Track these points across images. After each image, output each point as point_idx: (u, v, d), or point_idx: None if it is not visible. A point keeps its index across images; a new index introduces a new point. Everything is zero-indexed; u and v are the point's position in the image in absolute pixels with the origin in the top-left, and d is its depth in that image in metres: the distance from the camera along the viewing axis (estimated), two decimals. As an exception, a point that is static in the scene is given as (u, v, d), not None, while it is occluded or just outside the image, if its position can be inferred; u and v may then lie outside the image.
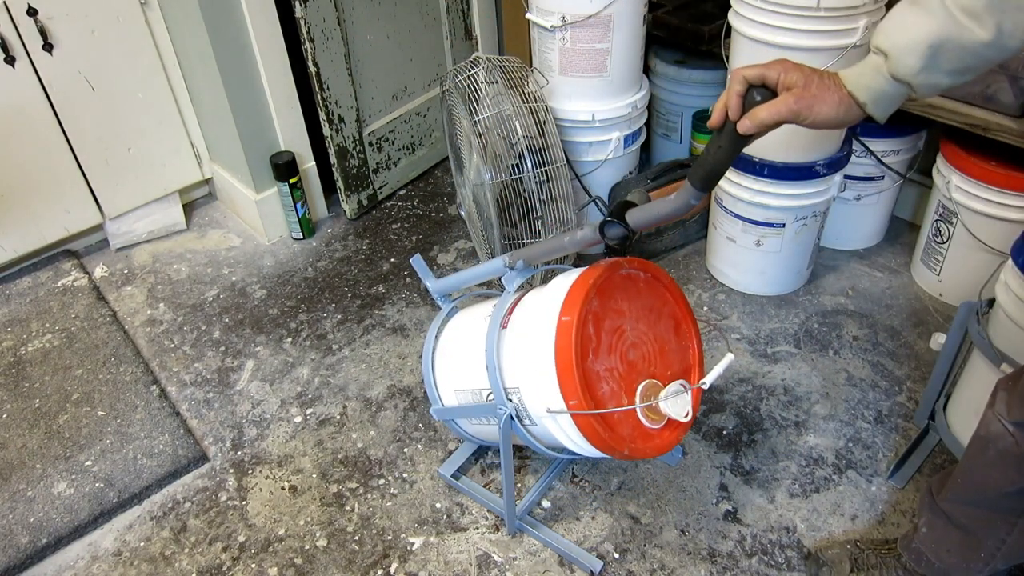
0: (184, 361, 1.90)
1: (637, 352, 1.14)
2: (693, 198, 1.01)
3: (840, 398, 1.70)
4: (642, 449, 1.11)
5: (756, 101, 0.91)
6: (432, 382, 1.41)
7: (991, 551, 1.16)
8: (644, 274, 1.21)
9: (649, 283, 1.21)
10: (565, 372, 1.06)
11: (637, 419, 1.11)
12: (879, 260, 2.08)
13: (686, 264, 2.10)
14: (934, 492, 1.22)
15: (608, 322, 1.12)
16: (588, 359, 1.08)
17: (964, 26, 0.81)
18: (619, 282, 1.16)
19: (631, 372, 1.12)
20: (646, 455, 1.13)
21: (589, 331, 1.09)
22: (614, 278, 1.15)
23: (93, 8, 1.93)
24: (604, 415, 1.08)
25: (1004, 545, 1.14)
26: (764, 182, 1.76)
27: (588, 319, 1.09)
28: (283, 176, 2.15)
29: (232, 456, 1.66)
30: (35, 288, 2.12)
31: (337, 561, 1.45)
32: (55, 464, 1.64)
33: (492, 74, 1.83)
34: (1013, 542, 1.13)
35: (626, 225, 1.08)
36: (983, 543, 1.16)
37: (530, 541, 1.47)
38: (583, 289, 1.09)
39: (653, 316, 1.19)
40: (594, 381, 1.08)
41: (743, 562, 1.42)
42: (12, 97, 1.91)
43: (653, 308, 1.20)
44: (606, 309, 1.12)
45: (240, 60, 1.98)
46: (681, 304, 1.24)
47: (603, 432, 1.05)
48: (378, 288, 2.09)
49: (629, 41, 1.89)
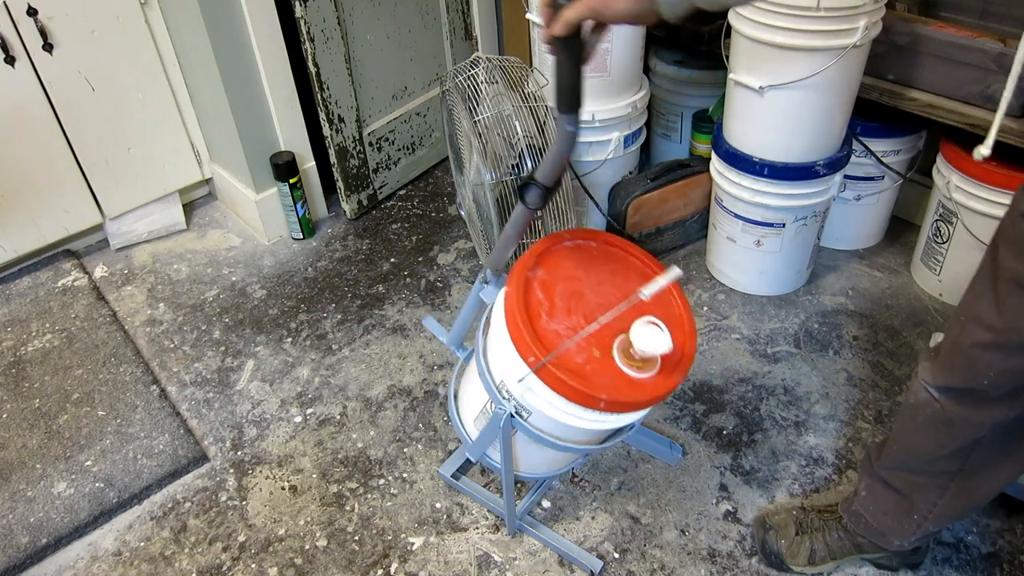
0: (184, 361, 1.90)
1: (606, 311, 1.16)
2: (567, 124, 1.07)
3: (840, 398, 1.70)
4: (626, 397, 1.09)
5: (561, 4, 0.96)
6: (460, 424, 1.42)
7: (923, 513, 1.22)
8: (595, 243, 1.25)
9: (603, 250, 1.25)
10: (515, 332, 1.11)
11: (616, 369, 1.10)
12: (879, 260, 2.08)
13: (686, 264, 2.10)
14: (872, 458, 1.29)
15: (561, 287, 1.16)
16: (541, 320, 1.12)
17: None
18: (566, 252, 1.21)
19: (603, 330, 1.13)
20: (633, 404, 1.11)
21: (538, 296, 1.14)
22: (558, 249, 1.21)
23: (93, 8, 1.93)
24: (577, 371, 1.08)
25: (936, 508, 1.21)
26: (764, 182, 1.76)
27: (534, 286, 1.15)
28: (283, 176, 2.15)
29: (232, 456, 1.66)
30: (35, 288, 2.12)
31: (337, 561, 1.45)
32: (55, 464, 1.64)
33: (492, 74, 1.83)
34: (944, 505, 1.20)
35: (538, 183, 1.14)
36: (916, 506, 1.22)
37: (530, 541, 1.47)
38: (522, 263, 1.16)
39: (619, 279, 1.21)
40: (553, 339, 1.11)
41: (743, 562, 1.42)
42: (12, 97, 1.91)
43: (617, 271, 1.22)
44: (555, 276, 1.17)
45: (240, 60, 1.98)
46: (650, 263, 1.25)
47: (574, 382, 1.06)
48: (378, 288, 2.09)
49: (629, 41, 1.89)
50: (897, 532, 1.27)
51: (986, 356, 1.00)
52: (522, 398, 1.18)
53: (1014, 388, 1.02)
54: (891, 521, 1.27)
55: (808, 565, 1.37)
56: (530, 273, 1.17)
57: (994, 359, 1.00)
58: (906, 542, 1.28)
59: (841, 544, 1.36)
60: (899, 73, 1.74)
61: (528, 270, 1.16)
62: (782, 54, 1.58)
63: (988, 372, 1.01)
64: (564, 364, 1.08)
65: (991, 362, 1.00)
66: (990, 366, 1.00)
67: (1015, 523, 1.46)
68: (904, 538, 1.27)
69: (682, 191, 2.06)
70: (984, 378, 1.02)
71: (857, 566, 1.40)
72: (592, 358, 1.11)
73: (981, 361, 1.01)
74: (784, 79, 1.60)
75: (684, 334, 1.17)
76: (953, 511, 1.21)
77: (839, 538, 1.36)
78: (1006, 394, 1.03)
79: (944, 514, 1.22)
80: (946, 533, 1.44)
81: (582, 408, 1.11)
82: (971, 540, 1.43)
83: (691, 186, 2.06)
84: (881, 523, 1.28)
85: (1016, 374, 0.99)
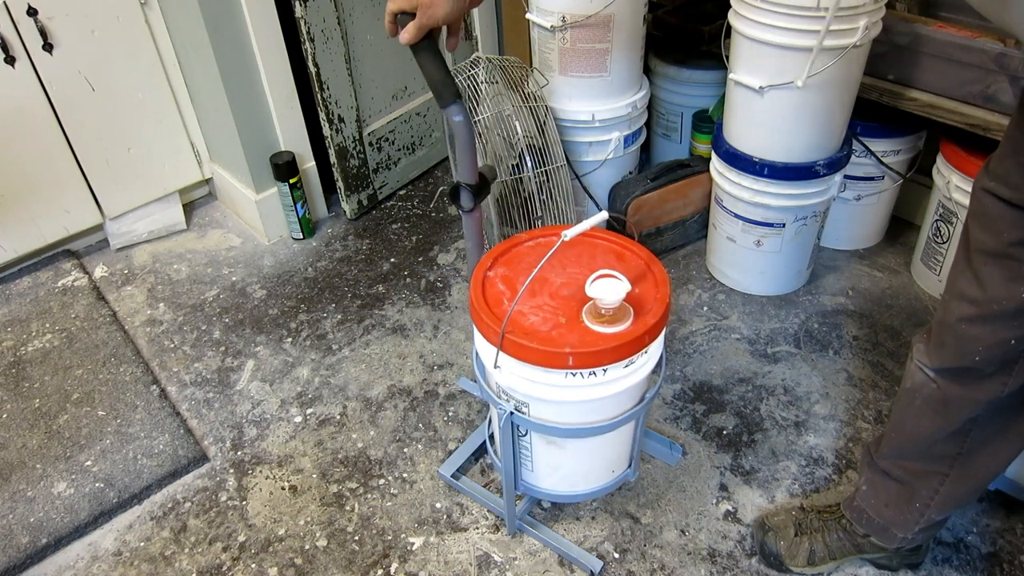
0: (184, 361, 1.90)
1: (572, 287, 1.20)
2: (454, 116, 1.13)
3: (840, 398, 1.70)
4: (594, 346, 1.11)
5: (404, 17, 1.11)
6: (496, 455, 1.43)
7: (925, 501, 1.23)
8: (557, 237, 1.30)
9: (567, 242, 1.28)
10: (477, 320, 1.18)
11: (585, 328, 1.14)
12: (879, 260, 2.08)
13: (686, 264, 2.10)
14: (872, 451, 1.30)
15: (523, 278, 1.22)
16: (503, 306, 1.18)
17: None
18: (527, 250, 1.29)
19: (569, 302, 1.18)
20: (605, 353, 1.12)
21: (499, 288, 1.20)
22: (519, 249, 1.29)
23: (93, 8, 1.93)
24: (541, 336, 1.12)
25: (937, 495, 1.21)
26: (764, 182, 1.76)
27: (495, 281, 1.21)
28: (283, 176, 2.15)
29: (232, 456, 1.66)
30: (35, 288, 2.12)
31: (337, 561, 1.45)
32: (55, 464, 1.64)
33: (492, 74, 1.83)
34: (945, 492, 1.20)
35: (463, 184, 1.19)
36: (917, 494, 1.23)
37: (530, 541, 1.47)
38: (479, 265, 1.24)
39: (584, 259, 1.26)
40: (516, 317, 1.16)
41: (743, 562, 1.42)
42: (12, 97, 1.91)
43: (582, 254, 1.27)
44: (517, 271, 1.24)
45: (240, 60, 1.98)
46: (616, 238, 1.29)
47: (535, 343, 1.10)
48: (378, 288, 2.09)
49: (629, 41, 1.89)
50: (900, 524, 1.27)
51: (972, 330, 1.02)
52: (510, 388, 1.20)
53: (1005, 362, 1.03)
54: (893, 513, 1.27)
55: (808, 566, 1.37)
56: (489, 272, 1.23)
57: (980, 332, 1.01)
58: (909, 534, 1.28)
59: (841, 544, 1.36)
60: (899, 73, 1.74)
61: (486, 270, 1.23)
62: (782, 53, 1.58)
63: (977, 347, 1.02)
64: (528, 334, 1.13)
65: (978, 336, 1.02)
66: (977, 340, 1.02)
67: (1015, 523, 1.46)
68: (907, 530, 1.27)
69: (682, 191, 2.06)
70: (975, 354, 1.03)
71: (857, 566, 1.40)
72: (558, 324, 1.15)
73: (968, 336, 1.03)
74: (784, 79, 1.60)
75: (655, 285, 1.20)
76: (955, 497, 1.22)
77: (838, 538, 1.36)
78: (999, 369, 1.04)
79: (946, 501, 1.22)
80: (946, 533, 1.44)
81: (559, 372, 1.13)
82: (971, 540, 1.43)
83: (691, 186, 2.06)
84: (884, 516, 1.29)
85: (1004, 345, 1.00)
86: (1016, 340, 0.99)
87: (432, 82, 1.11)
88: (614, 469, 1.40)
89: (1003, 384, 1.05)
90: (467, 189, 1.22)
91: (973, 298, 1.00)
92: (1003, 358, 1.03)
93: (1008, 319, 0.98)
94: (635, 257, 1.27)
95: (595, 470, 1.38)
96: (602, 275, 1.13)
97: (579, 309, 1.17)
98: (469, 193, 1.23)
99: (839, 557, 1.36)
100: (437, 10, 1.07)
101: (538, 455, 1.34)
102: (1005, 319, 0.98)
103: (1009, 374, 1.04)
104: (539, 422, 1.22)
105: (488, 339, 1.17)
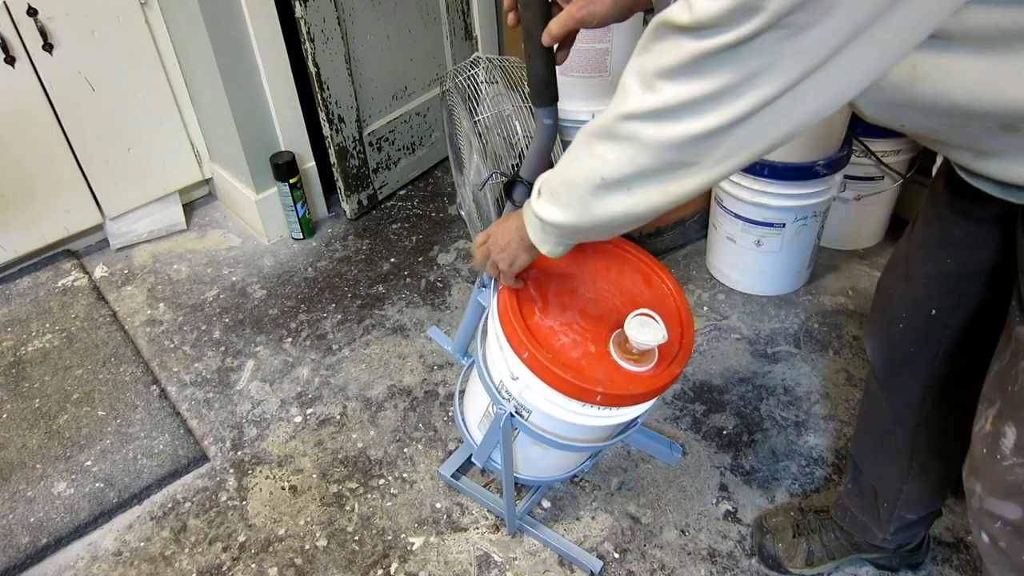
0: (184, 361, 1.90)
1: (600, 307, 1.18)
2: (545, 118, 1.09)
3: (840, 398, 1.70)
4: (623, 390, 1.09)
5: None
6: (465, 430, 1.42)
7: (892, 500, 1.24)
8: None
9: (596, 247, 1.27)
10: (508, 328, 1.12)
11: (613, 363, 1.11)
12: (879, 260, 2.08)
13: (686, 264, 2.10)
14: (851, 449, 1.32)
15: (555, 284, 1.19)
16: (535, 316, 1.14)
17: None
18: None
19: (597, 324, 1.15)
20: (631, 397, 1.11)
21: (531, 293, 1.16)
22: None
23: (93, 8, 1.93)
24: (572, 365, 1.09)
25: (902, 494, 1.22)
26: (764, 182, 1.76)
27: (528, 284, 1.17)
28: (283, 176, 2.15)
29: (232, 456, 1.66)
30: (35, 288, 2.12)
31: (337, 561, 1.45)
32: (55, 464, 1.64)
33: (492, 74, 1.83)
34: (909, 491, 1.21)
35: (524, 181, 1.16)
36: (883, 493, 1.24)
37: (530, 541, 1.47)
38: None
39: (613, 274, 1.23)
40: (547, 334, 1.12)
41: (743, 562, 1.42)
42: (12, 97, 1.91)
43: (611, 267, 1.24)
44: (549, 275, 1.20)
45: (240, 60, 1.98)
46: (644, 257, 1.27)
47: (568, 376, 1.07)
48: (378, 288, 2.09)
49: (629, 41, 1.89)
50: (875, 524, 1.29)
51: (891, 287, 1.06)
52: (520, 396, 1.18)
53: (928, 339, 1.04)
54: (868, 514, 1.29)
55: (806, 567, 1.37)
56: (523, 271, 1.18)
57: (898, 288, 1.04)
58: (887, 534, 1.28)
59: (839, 544, 1.36)
60: (899, 73, 1.73)
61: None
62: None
63: (900, 313, 1.05)
64: (559, 359, 1.09)
65: (895, 293, 1.05)
66: (901, 303, 1.04)
67: (1015, 523, 1.45)
68: (883, 529, 1.28)
69: (682, 191, 2.06)
70: (899, 320, 1.05)
71: (857, 566, 1.40)
72: (588, 353, 1.11)
73: (886, 292, 1.07)
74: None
75: (681, 326, 1.18)
76: (919, 498, 1.22)
77: (836, 538, 1.36)
78: (922, 348, 1.06)
79: (912, 501, 1.23)
80: (946, 533, 1.44)
81: (579, 403, 1.11)
82: (971, 540, 1.43)
83: (691, 186, 2.06)
84: (862, 514, 1.30)
85: (925, 315, 1.02)
86: (936, 311, 1.00)
87: (537, 77, 1.07)
88: (581, 465, 1.42)
89: (930, 367, 1.06)
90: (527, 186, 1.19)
91: (899, 253, 1.04)
92: (925, 333, 1.04)
93: (930, 281, 1.00)
94: (660, 284, 1.24)
95: (565, 466, 1.40)
96: (641, 314, 1.10)
97: (607, 335, 1.14)
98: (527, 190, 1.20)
99: (838, 557, 1.36)
100: (596, 7, 0.95)
101: (520, 450, 1.33)
102: (927, 280, 1.00)
103: (935, 355, 1.05)
104: (538, 431, 1.22)
105: (518, 353, 1.12)
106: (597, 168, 0.77)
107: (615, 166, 0.75)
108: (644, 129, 0.70)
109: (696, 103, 0.65)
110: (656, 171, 0.72)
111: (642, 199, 0.76)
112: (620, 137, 0.73)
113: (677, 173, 0.72)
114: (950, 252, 0.96)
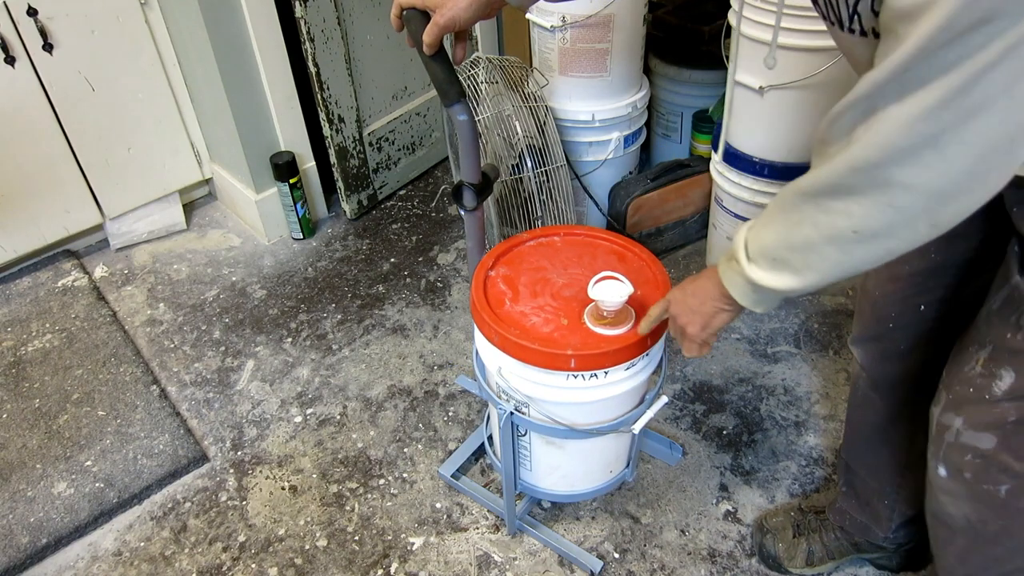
0: (184, 361, 1.90)
1: (574, 288, 1.21)
2: (458, 114, 1.14)
3: (840, 398, 1.70)
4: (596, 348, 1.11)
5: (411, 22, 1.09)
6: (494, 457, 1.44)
7: (892, 497, 1.25)
8: (558, 237, 1.33)
9: (567, 241, 1.32)
10: (478, 320, 1.18)
11: (587, 330, 1.14)
12: (879, 260, 2.08)
13: (686, 264, 2.10)
14: (842, 452, 1.32)
15: (525, 278, 1.24)
16: (504, 306, 1.19)
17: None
18: (529, 250, 1.30)
19: (571, 303, 1.19)
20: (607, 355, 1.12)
21: (500, 288, 1.22)
22: (521, 248, 1.30)
23: (93, 8, 1.93)
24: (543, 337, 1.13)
25: (902, 489, 1.23)
26: (764, 182, 1.76)
27: (496, 281, 1.23)
28: (283, 176, 2.15)
29: (232, 456, 1.66)
30: (35, 288, 2.12)
31: (337, 561, 1.45)
32: (55, 464, 1.64)
33: (492, 74, 1.83)
34: (908, 487, 1.22)
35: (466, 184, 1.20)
36: (882, 490, 1.25)
37: (530, 541, 1.47)
38: (480, 265, 1.25)
39: (586, 259, 1.27)
40: (517, 318, 1.17)
41: (743, 562, 1.42)
42: (12, 97, 1.91)
43: (583, 254, 1.28)
44: (519, 271, 1.25)
45: (240, 60, 1.98)
46: (616, 238, 1.30)
47: (536, 344, 1.11)
48: (378, 288, 2.09)
49: (629, 41, 1.89)
50: (877, 522, 1.29)
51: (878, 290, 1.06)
52: (510, 388, 1.20)
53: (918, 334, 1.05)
54: (869, 511, 1.29)
55: (806, 567, 1.37)
56: (490, 272, 1.24)
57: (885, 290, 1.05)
58: (889, 532, 1.28)
59: (839, 544, 1.36)
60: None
61: (488, 269, 1.24)
62: (782, 54, 1.58)
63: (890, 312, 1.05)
64: (529, 334, 1.13)
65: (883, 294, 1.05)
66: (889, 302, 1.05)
67: (1015, 523, 1.45)
68: (885, 529, 1.28)
69: (682, 191, 2.06)
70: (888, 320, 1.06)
71: (857, 566, 1.40)
72: (560, 326, 1.15)
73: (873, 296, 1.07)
74: (784, 79, 1.60)
75: (657, 288, 1.21)
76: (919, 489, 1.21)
77: (836, 538, 1.36)
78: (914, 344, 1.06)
79: (912, 497, 1.23)
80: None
81: (562, 375, 1.13)
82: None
83: (691, 186, 2.06)
84: (864, 514, 1.30)
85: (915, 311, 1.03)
86: (925, 306, 1.02)
87: (437, 81, 1.11)
88: (612, 469, 1.40)
89: (923, 359, 1.07)
90: (470, 188, 1.22)
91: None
92: (916, 329, 1.05)
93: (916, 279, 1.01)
94: (636, 258, 1.27)
95: (593, 470, 1.38)
96: (604, 277, 1.13)
97: (581, 311, 1.17)
98: (472, 192, 1.23)
99: (838, 557, 1.36)
100: (457, 12, 1.03)
101: (537, 455, 1.34)
102: (914, 278, 1.01)
103: (927, 348, 1.06)
104: (539, 423, 1.22)
105: (489, 339, 1.17)
106: (840, 223, 0.74)
107: (866, 218, 0.71)
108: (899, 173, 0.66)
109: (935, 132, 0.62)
110: (921, 209, 0.69)
111: (904, 241, 0.73)
112: (876, 186, 0.69)
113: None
114: (934, 246, 0.96)
